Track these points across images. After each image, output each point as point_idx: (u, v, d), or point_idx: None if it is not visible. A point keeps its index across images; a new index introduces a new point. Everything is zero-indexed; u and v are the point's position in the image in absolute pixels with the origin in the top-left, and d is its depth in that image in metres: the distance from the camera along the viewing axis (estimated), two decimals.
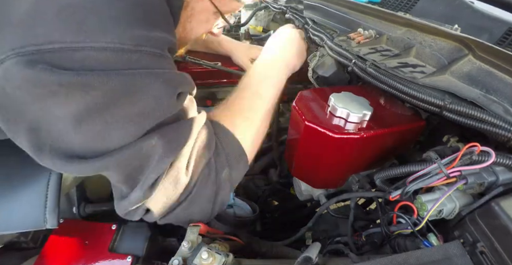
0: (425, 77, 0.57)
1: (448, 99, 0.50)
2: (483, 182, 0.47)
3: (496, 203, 0.43)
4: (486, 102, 0.49)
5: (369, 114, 0.60)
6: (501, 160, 0.45)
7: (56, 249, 0.65)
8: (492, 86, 0.51)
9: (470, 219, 0.47)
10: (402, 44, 0.68)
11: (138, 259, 0.63)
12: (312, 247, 0.50)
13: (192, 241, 0.53)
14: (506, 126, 0.44)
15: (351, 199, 0.67)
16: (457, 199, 0.50)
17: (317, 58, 0.83)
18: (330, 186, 0.76)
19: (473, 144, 0.46)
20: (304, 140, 0.65)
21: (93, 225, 0.71)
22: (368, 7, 0.81)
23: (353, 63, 0.67)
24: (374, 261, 0.46)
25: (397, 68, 0.61)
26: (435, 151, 0.52)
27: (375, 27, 0.76)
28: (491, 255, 0.42)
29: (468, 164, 0.46)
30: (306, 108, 0.65)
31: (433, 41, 0.63)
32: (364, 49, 0.71)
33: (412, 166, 0.51)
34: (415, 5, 0.93)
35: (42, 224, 0.59)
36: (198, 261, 0.47)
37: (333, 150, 0.62)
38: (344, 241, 0.66)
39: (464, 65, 0.56)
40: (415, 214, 0.51)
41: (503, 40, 0.74)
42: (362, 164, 0.67)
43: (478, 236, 0.44)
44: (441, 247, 0.46)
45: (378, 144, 0.62)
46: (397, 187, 0.53)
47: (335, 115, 0.62)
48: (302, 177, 0.77)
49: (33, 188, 0.61)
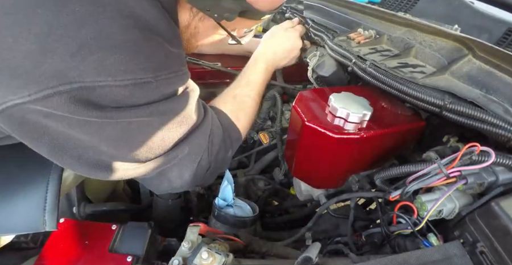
0: (425, 77, 0.57)
1: (447, 99, 0.50)
2: (483, 182, 0.47)
3: (496, 203, 0.43)
4: (485, 102, 0.49)
5: (369, 114, 0.60)
6: (501, 160, 0.45)
7: (56, 249, 0.65)
8: (492, 86, 0.51)
9: (470, 219, 0.47)
10: (402, 44, 0.69)
11: (138, 259, 0.63)
12: (312, 247, 0.50)
13: (192, 241, 0.53)
14: (506, 126, 0.44)
15: (351, 199, 0.67)
16: (457, 199, 0.50)
17: (317, 58, 0.83)
18: (330, 186, 0.76)
19: (472, 144, 0.46)
20: (304, 140, 0.65)
21: (93, 225, 0.70)
22: (368, 7, 0.81)
23: (353, 63, 0.67)
24: (374, 261, 0.46)
25: (397, 68, 0.61)
26: (435, 151, 0.52)
27: (375, 27, 0.76)
28: (491, 255, 0.42)
29: (468, 164, 0.46)
30: (306, 109, 0.65)
31: (433, 41, 0.63)
32: (364, 49, 0.71)
33: (412, 166, 0.51)
34: (415, 5, 0.93)
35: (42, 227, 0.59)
36: (198, 261, 0.47)
37: (333, 150, 0.62)
38: (344, 241, 0.66)
39: (464, 65, 0.56)
40: (414, 214, 0.51)
41: (503, 40, 0.74)
42: (362, 164, 0.67)
43: (478, 236, 0.45)
44: (441, 247, 0.46)
45: (378, 144, 0.62)
46: (397, 188, 0.53)
47: (335, 115, 0.62)
48: (302, 177, 0.77)
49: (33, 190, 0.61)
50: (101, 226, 0.70)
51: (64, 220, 0.70)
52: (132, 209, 0.95)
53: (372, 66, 0.62)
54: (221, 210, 0.75)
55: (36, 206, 0.60)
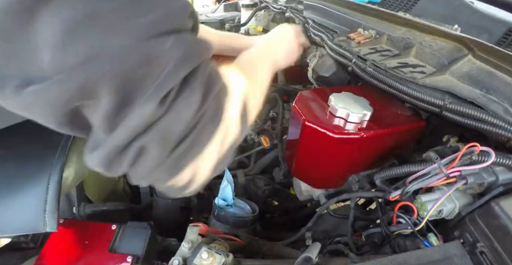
0: (425, 77, 0.57)
1: (447, 99, 0.50)
2: (483, 182, 0.47)
3: (496, 203, 0.43)
4: (485, 102, 0.49)
5: (369, 114, 0.60)
6: (501, 160, 0.45)
7: (56, 249, 0.65)
8: (492, 86, 0.51)
9: (470, 219, 0.47)
10: (402, 44, 0.69)
11: (138, 259, 0.63)
12: (312, 247, 0.50)
13: (192, 241, 0.53)
14: (506, 126, 0.44)
15: (351, 199, 0.67)
16: (457, 199, 0.50)
17: (317, 58, 0.83)
18: (330, 186, 0.76)
19: (472, 144, 0.46)
20: (304, 140, 0.65)
21: (93, 225, 0.70)
22: (368, 7, 0.81)
23: (353, 63, 0.67)
24: (374, 261, 0.46)
25: (397, 68, 0.61)
26: (435, 151, 0.52)
27: (375, 27, 0.76)
28: (491, 255, 0.42)
29: (468, 164, 0.46)
30: (306, 109, 0.65)
31: (433, 41, 0.63)
32: (364, 49, 0.71)
33: (412, 166, 0.51)
34: (415, 5, 0.93)
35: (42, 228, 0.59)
36: (198, 261, 0.47)
37: (333, 150, 0.62)
38: (344, 242, 0.66)
39: (464, 65, 0.56)
40: (414, 214, 0.51)
41: (503, 40, 0.74)
42: (362, 164, 0.67)
43: (478, 236, 0.45)
44: (441, 247, 0.46)
45: (378, 144, 0.62)
46: (397, 188, 0.53)
47: (335, 115, 0.62)
48: (302, 177, 0.77)
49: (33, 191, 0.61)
50: (101, 226, 0.70)
51: (63, 220, 0.70)
52: (132, 209, 0.95)
53: (372, 66, 0.62)
54: (220, 210, 0.75)
55: (36, 206, 0.60)
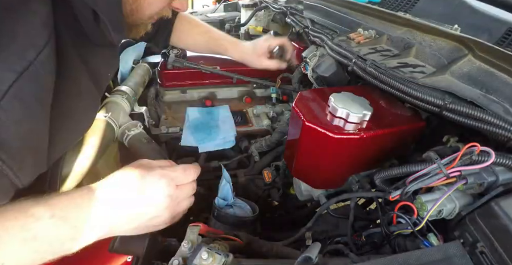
0: (425, 77, 0.57)
1: (447, 99, 0.50)
2: (483, 182, 0.47)
3: (496, 203, 0.43)
4: (485, 102, 0.49)
5: (369, 114, 0.60)
6: (501, 160, 0.45)
7: None
8: (492, 86, 0.51)
9: (470, 219, 0.47)
10: (402, 44, 0.69)
11: (138, 259, 0.63)
12: (312, 247, 0.50)
13: (192, 241, 0.53)
14: (506, 126, 0.44)
15: (351, 199, 0.67)
16: (457, 199, 0.50)
17: (316, 58, 0.83)
18: (330, 186, 0.76)
19: (472, 144, 0.46)
20: (304, 141, 0.65)
21: None
22: (368, 7, 0.81)
23: (353, 63, 0.67)
24: (374, 261, 0.46)
25: (397, 68, 0.61)
26: (435, 151, 0.51)
27: (375, 27, 0.76)
28: (491, 255, 0.42)
29: (468, 164, 0.46)
30: (306, 109, 0.65)
31: (433, 41, 0.63)
32: (364, 49, 0.71)
33: (412, 166, 0.51)
34: (415, 5, 0.93)
35: None
36: (198, 261, 0.47)
37: (332, 150, 0.62)
38: (344, 241, 0.66)
39: (464, 65, 0.56)
40: (415, 214, 0.51)
41: (503, 40, 0.74)
42: (362, 164, 0.67)
43: (478, 236, 0.45)
44: (441, 247, 0.46)
45: (378, 145, 0.62)
46: (397, 188, 0.53)
47: (335, 115, 0.62)
48: (302, 177, 0.77)
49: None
50: None
51: None
52: None
53: (372, 65, 0.62)
54: (220, 209, 0.75)
55: None
